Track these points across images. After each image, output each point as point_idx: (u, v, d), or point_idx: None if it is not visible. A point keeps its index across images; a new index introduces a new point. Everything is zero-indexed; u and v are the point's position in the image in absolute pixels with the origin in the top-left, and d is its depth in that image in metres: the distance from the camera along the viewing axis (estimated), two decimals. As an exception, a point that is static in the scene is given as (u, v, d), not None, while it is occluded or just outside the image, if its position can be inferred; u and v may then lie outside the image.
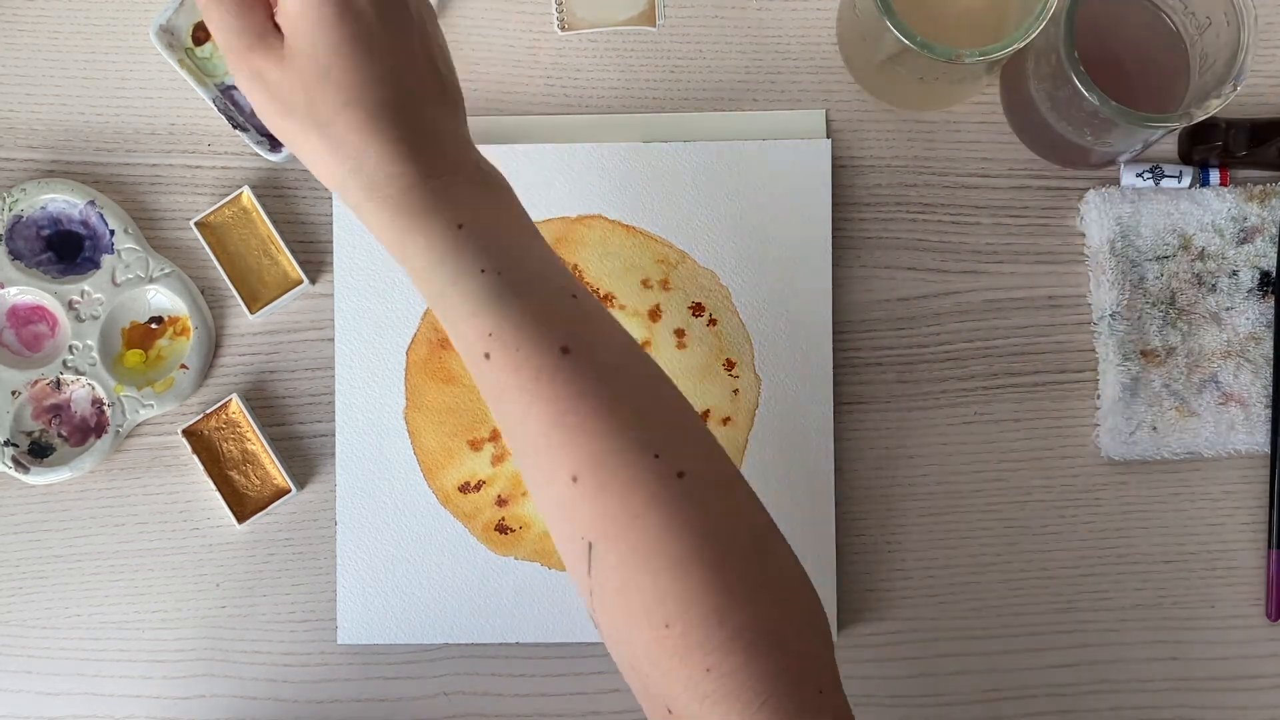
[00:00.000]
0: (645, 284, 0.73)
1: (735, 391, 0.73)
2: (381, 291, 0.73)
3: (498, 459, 0.73)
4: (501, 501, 0.73)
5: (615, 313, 0.73)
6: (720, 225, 0.73)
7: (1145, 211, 0.73)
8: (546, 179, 0.73)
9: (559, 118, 0.74)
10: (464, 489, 0.73)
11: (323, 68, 0.54)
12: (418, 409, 0.73)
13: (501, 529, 0.73)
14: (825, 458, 0.72)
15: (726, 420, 0.73)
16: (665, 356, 0.73)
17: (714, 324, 0.73)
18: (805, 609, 0.55)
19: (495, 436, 0.73)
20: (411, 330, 0.73)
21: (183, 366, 0.73)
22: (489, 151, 0.72)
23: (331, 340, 0.74)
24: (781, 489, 0.72)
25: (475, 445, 0.73)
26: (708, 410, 0.73)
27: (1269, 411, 0.73)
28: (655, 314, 0.73)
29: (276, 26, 0.55)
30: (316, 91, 0.55)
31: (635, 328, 0.73)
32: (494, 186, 0.58)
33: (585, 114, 0.74)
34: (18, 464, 0.72)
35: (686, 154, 0.73)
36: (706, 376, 0.73)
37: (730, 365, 0.73)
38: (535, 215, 0.72)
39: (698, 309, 0.73)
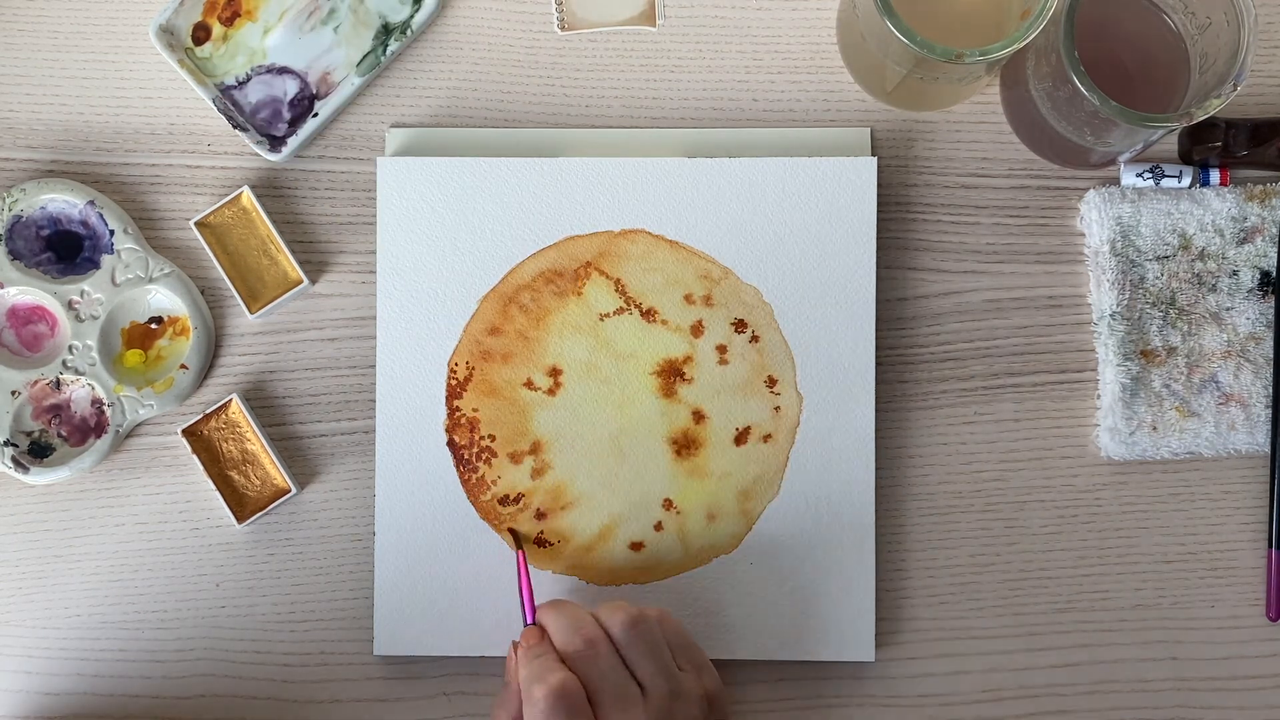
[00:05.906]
0: (688, 299, 0.73)
1: (777, 409, 0.72)
2: (424, 304, 0.73)
3: (537, 472, 0.72)
4: (541, 515, 0.72)
5: (657, 328, 0.73)
6: (764, 242, 0.73)
7: (1145, 211, 0.73)
8: (590, 193, 0.73)
9: (601, 131, 0.74)
10: (503, 502, 0.72)
11: None
12: (459, 421, 0.73)
13: (540, 542, 0.72)
14: (866, 476, 0.72)
15: (767, 437, 0.72)
16: (707, 372, 0.73)
17: (756, 340, 0.73)
18: None
19: (535, 450, 0.73)
20: (453, 342, 0.73)
21: (182, 366, 0.73)
22: (533, 165, 0.73)
23: (332, 340, 0.74)
24: (821, 506, 0.72)
25: (515, 459, 0.73)
26: (748, 427, 0.73)
27: (1269, 411, 0.73)
28: (698, 329, 0.73)
29: None
30: None
31: (677, 343, 0.73)
32: None
33: (629, 128, 0.74)
34: (17, 464, 0.72)
35: (730, 170, 0.73)
36: (748, 393, 0.72)
37: (772, 382, 0.73)
38: (578, 229, 0.73)
39: (740, 325, 0.73)
